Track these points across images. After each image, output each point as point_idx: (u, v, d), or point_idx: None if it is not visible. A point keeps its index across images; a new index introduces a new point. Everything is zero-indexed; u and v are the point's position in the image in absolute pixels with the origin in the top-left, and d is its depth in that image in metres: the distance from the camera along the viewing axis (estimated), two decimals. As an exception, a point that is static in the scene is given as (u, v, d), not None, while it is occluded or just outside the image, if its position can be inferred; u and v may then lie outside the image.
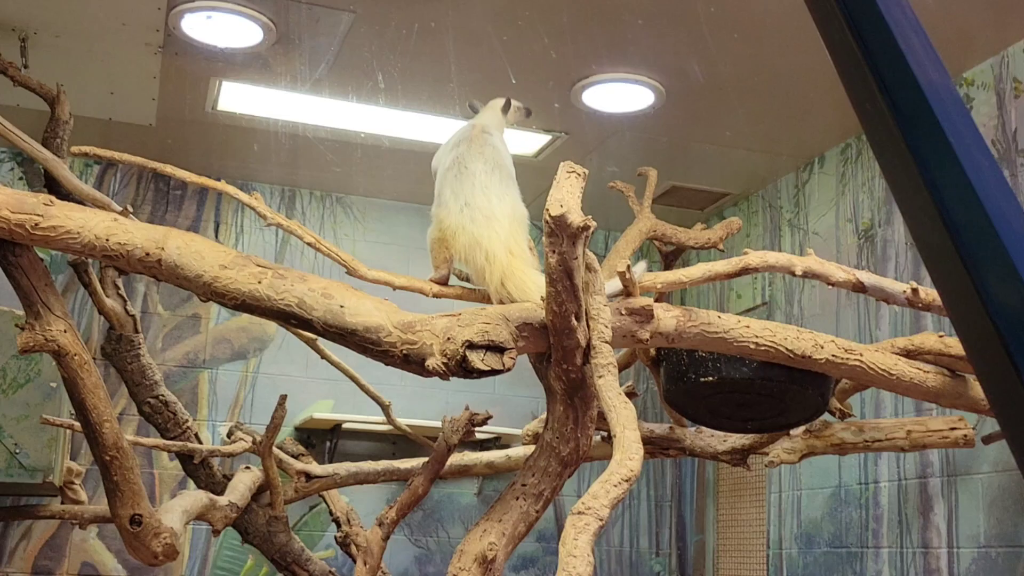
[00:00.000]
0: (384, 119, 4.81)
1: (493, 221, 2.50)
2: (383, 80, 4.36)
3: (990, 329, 0.80)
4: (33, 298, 2.24)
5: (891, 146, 0.92)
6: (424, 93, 4.47)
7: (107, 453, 2.37)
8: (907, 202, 0.91)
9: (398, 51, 4.10)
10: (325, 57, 4.17)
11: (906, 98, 0.91)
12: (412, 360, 2.11)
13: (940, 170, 0.87)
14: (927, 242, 0.87)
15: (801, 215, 5.06)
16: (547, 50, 4.06)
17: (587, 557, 1.69)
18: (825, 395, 2.71)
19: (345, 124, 4.87)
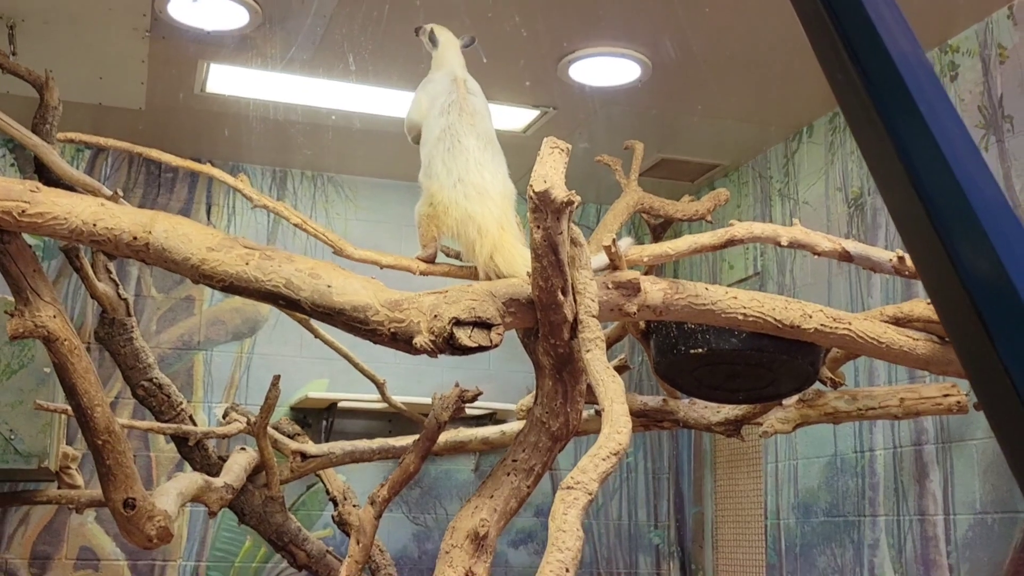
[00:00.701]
0: (373, 97, 4.80)
1: (486, 198, 2.50)
2: (370, 58, 4.34)
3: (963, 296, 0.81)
4: (22, 284, 2.24)
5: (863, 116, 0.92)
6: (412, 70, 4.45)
7: (99, 437, 2.39)
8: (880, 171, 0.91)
9: (384, 29, 4.09)
10: (312, 37, 4.15)
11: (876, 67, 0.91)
12: (400, 338, 2.12)
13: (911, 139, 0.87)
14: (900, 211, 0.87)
15: (791, 185, 5.06)
16: (533, 25, 4.05)
17: (576, 531, 1.70)
18: (815, 364, 2.73)
19: (334, 103, 4.86)
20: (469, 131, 2.64)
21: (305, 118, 4.98)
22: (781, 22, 3.93)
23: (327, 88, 4.70)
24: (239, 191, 2.40)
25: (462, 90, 2.69)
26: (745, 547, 5.34)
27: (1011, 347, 0.77)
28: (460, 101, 2.66)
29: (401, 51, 4.28)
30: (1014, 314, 0.77)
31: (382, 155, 5.39)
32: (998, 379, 0.77)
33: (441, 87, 2.73)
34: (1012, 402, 0.77)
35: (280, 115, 4.98)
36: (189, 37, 4.17)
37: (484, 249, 2.44)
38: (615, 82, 4.51)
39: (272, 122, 5.05)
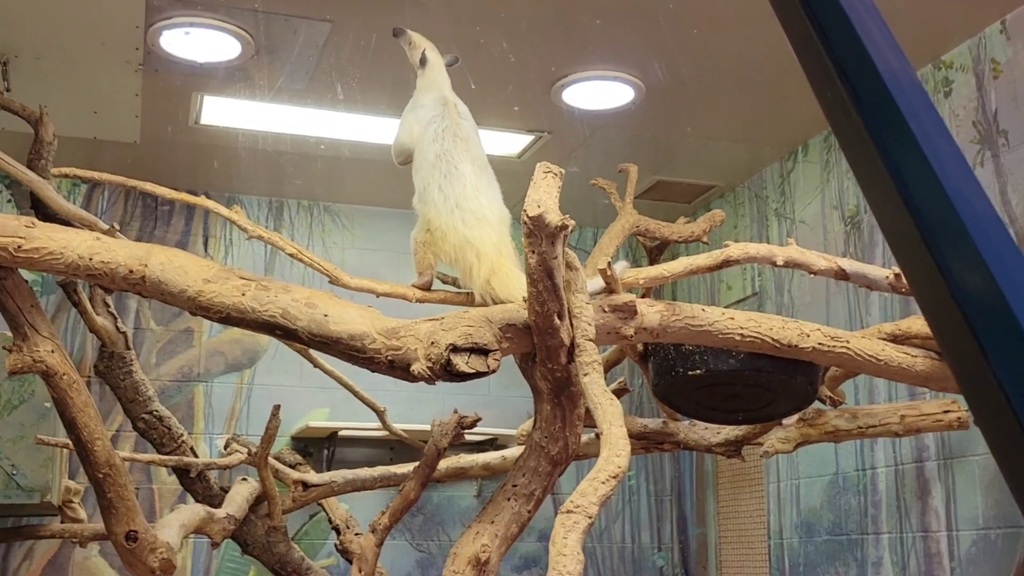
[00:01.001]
0: (366, 125, 4.81)
1: (484, 223, 2.50)
2: (363, 87, 4.36)
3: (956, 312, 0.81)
4: (19, 320, 2.24)
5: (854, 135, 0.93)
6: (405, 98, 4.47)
7: (100, 471, 2.38)
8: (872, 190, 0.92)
9: (377, 58, 4.11)
10: (305, 67, 4.17)
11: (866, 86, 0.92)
12: (397, 366, 2.12)
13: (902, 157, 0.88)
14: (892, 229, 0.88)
15: (787, 204, 5.08)
16: (525, 51, 4.07)
17: (577, 555, 1.70)
18: (814, 383, 2.72)
19: (328, 133, 4.88)
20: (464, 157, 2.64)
21: (299, 148, 5.00)
22: (773, 42, 3.95)
23: (321, 117, 4.72)
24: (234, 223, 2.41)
25: (454, 115, 2.69)
26: (749, 568, 5.32)
27: (1005, 363, 0.77)
28: (453, 127, 2.67)
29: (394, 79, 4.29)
30: (1008, 330, 0.77)
31: (377, 183, 5.41)
32: (993, 395, 0.77)
33: (432, 112, 2.73)
34: (1007, 418, 0.77)
35: (274, 145, 5.00)
36: (182, 70, 4.19)
37: (481, 274, 2.45)
38: (608, 105, 4.53)
39: (267, 152, 5.06)
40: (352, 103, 4.49)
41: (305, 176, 5.36)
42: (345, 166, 5.22)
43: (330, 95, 4.42)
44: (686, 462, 5.93)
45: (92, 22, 3.77)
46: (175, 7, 3.72)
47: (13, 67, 4.02)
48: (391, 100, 4.49)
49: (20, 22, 3.77)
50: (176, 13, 3.75)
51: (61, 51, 3.99)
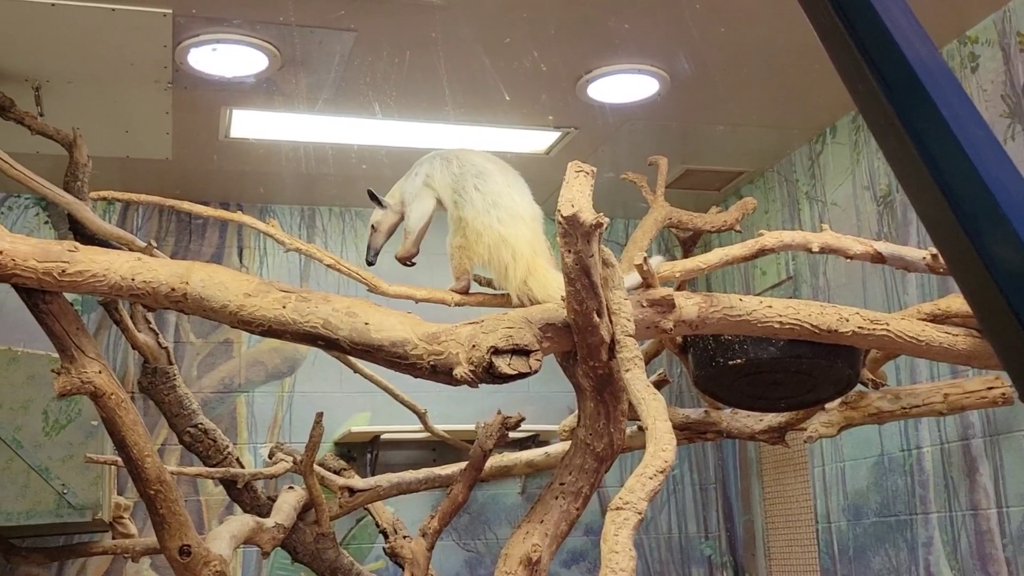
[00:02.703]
0: (394, 130, 4.84)
1: (519, 221, 2.51)
2: (390, 92, 4.39)
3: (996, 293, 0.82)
4: (66, 343, 2.28)
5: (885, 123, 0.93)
6: (432, 103, 4.50)
7: (151, 487, 2.42)
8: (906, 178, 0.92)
9: (402, 65, 4.13)
10: (331, 77, 4.20)
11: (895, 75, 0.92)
12: (439, 370, 2.13)
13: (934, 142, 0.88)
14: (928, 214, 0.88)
15: (818, 187, 5.05)
16: (549, 48, 4.08)
17: (629, 551, 1.71)
18: (855, 367, 2.72)
19: (357, 139, 4.91)
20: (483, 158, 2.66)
21: (328, 156, 5.04)
22: (796, 24, 3.93)
23: (348, 125, 4.76)
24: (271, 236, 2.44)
25: (446, 155, 2.71)
26: (797, 553, 5.30)
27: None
28: (456, 150, 2.69)
29: (419, 83, 4.32)
30: (1048, 308, 0.78)
31: (408, 186, 5.43)
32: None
33: (426, 166, 2.75)
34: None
35: (304, 155, 5.04)
36: (210, 86, 4.24)
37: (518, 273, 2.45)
38: (634, 98, 4.53)
39: (297, 162, 5.10)
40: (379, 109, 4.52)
41: (335, 183, 5.39)
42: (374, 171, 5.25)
43: (357, 102, 4.44)
44: (729, 450, 5.92)
45: (121, 44, 3.82)
46: (202, 24, 3.76)
47: (45, 92, 4.07)
48: (418, 104, 4.51)
49: (51, 48, 3.82)
50: (203, 30, 3.79)
51: (91, 74, 4.04)
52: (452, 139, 4.91)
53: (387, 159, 5.11)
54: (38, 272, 2.14)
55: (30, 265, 2.13)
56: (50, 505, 3.64)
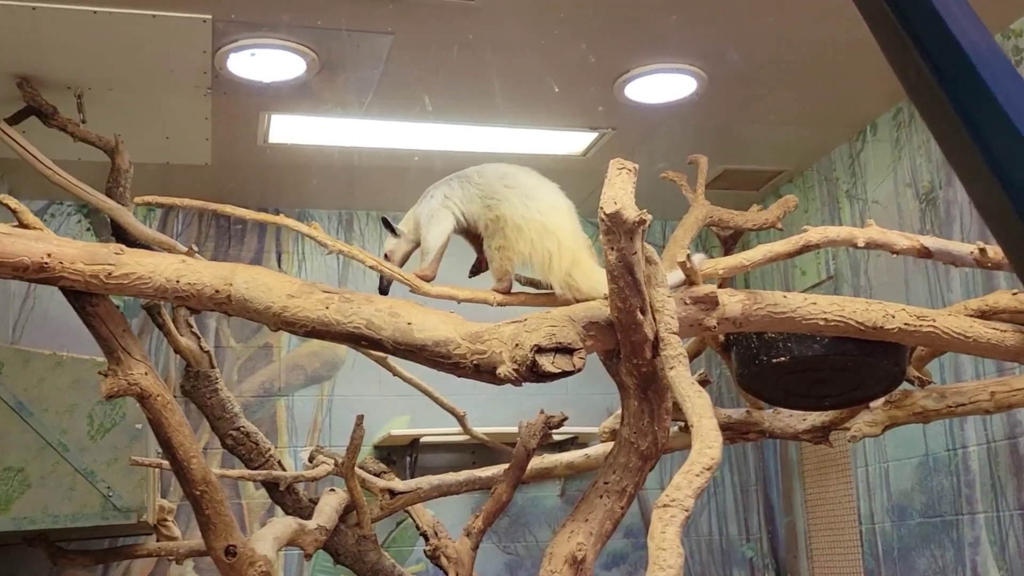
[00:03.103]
0: (432, 134, 4.85)
1: (559, 211, 2.51)
2: (428, 97, 4.40)
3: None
4: (112, 345, 2.30)
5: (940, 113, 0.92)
6: (469, 105, 4.51)
7: (197, 488, 2.43)
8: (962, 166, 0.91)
9: (440, 67, 4.14)
10: (369, 80, 4.22)
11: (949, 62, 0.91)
12: (483, 369, 2.13)
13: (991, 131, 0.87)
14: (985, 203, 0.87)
15: (858, 185, 5.01)
16: (585, 50, 4.07)
17: (676, 548, 1.70)
18: (901, 364, 2.69)
19: (394, 143, 4.92)
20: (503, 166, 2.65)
21: (366, 159, 5.06)
22: (835, 22, 3.90)
23: (386, 128, 4.77)
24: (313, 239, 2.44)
25: (461, 174, 2.70)
26: (840, 554, 5.26)
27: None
28: (469, 169, 2.69)
29: (457, 85, 4.33)
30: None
31: (445, 189, 5.44)
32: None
33: (442, 188, 2.74)
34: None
35: (342, 159, 5.06)
36: (249, 91, 4.26)
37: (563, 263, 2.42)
38: (672, 98, 4.51)
39: (335, 166, 5.13)
40: (417, 113, 4.53)
41: (373, 187, 5.41)
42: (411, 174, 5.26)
43: (395, 106, 4.46)
44: (770, 451, 5.88)
45: (161, 50, 3.86)
46: (241, 30, 3.78)
47: (87, 99, 4.12)
48: (456, 107, 4.52)
49: (92, 56, 3.86)
50: (242, 36, 3.82)
51: (132, 81, 4.07)
52: (489, 141, 4.92)
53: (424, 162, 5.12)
54: (85, 275, 2.16)
55: (77, 268, 2.15)
56: (96, 508, 3.68)
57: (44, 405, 3.67)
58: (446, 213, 2.67)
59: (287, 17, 3.74)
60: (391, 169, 5.16)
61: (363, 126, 4.72)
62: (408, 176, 5.28)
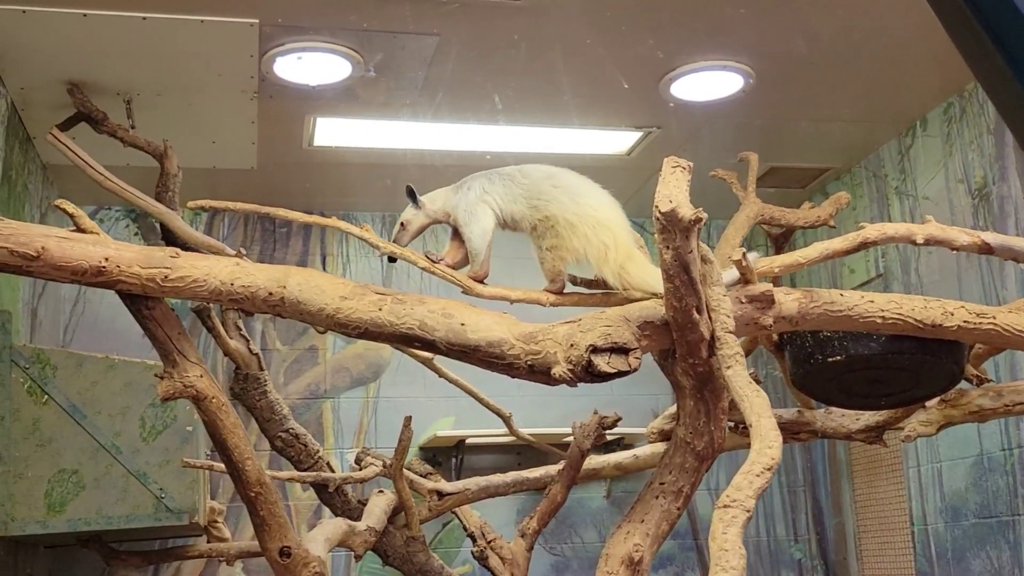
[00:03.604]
0: (476, 135, 4.85)
1: (609, 207, 2.50)
2: (472, 97, 4.40)
3: None
4: (168, 347, 2.31)
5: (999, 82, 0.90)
6: (513, 106, 4.50)
7: (251, 489, 2.44)
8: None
9: (484, 68, 4.14)
10: (414, 82, 4.22)
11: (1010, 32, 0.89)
12: (537, 370, 2.12)
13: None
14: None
15: (908, 181, 4.95)
16: (630, 49, 4.05)
17: (739, 549, 1.68)
18: (960, 363, 2.65)
19: (439, 144, 4.92)
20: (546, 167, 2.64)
21: (410, 161, 5.06)
22: (883, 17, 3.86)
23: (430, 130, 4.77)
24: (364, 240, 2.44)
25: (503, 171, 2.70)
26: (891, 556, 5.19)
27: None
28: (511, 168, 2.68)
29: (502, 86, 4.32)
30: None
31: (489, 191, 5.43)
32: None
33: (481, 180, 2.73)
34: None
35: (386, 160, 5.07)
36: (295, 94, 4.28)
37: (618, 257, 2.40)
38: (718, 95, 4.48)
39: (379, 168, 5.14)
40: (462, 114, 4.53)
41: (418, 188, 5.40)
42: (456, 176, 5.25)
43: (439, 107, 4.46)
44: (818, 451, 5.82)
45: (209, 55, 3.88)
46: (287, 34, 3.80)
47: (136, 104, 4.16)
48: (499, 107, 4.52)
49: (141, 61, 3.90)
50: (288, 39, 3.83)
51: (180, 85, 4.11)
52: (533, 141, 4.91)
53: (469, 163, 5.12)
54: (142, 278, 2.18)
55: (134, 271, 2.17)
56: (149, 509, 3.70)
57: (97, 408, 3.71)
58: (485, 209, 2.67)
59: (333, 20, 3.75)
60: (436, 171, 5.16)
61: (408, 128, 4.73)
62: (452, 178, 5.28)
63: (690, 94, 4.45)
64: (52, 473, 3.60)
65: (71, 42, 3.71)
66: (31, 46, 3.72)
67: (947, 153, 4.67)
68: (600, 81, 4.33)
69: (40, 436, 3.60)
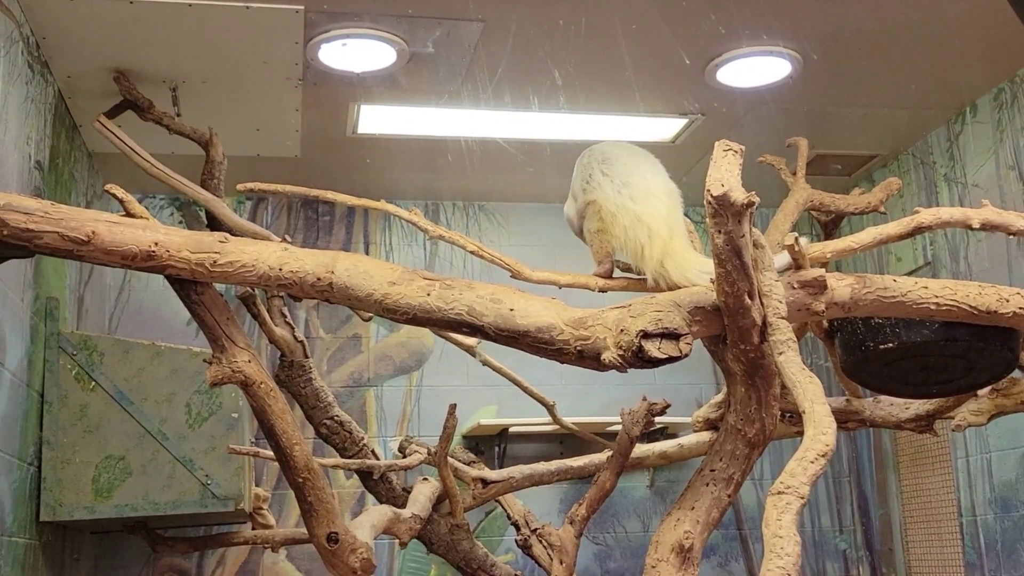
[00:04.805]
0: (519, 122, 4.83)
1: (652, 197, 2.49)
2: (516, 84, 4.37)
3: None
4: (217, 332, 2.32)
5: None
6: (559, 92, 4.48)
7: (299, 475, 2.45)
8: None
9: (529, 54, 4.12)
10: (458, 69, 4.21)
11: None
12: (587, 356, 2.11)
13: None
14: None
15: (957, 168, 4.87)
16: (676, 35, 4.01)
17: (793, 536, 1.66)
18: (1015, 350, 2.60)
19: (482, 132, 4.91)
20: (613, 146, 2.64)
21: (454, 149, 5.05)
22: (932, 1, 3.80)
23: (474, 117, 4.76)
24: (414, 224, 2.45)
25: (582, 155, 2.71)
26: (939, 547, 5.13)
27: None
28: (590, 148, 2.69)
29: (547, 72, 4.30)
30: None
31: (532, 179, 5.42)
32: None
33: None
34: None
35: (429, 148, 5.06)
36: (339, 81, 4.28)
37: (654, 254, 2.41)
38: (764, 81, 4.43)
39: (422, 155, 5.13)
40: (505, 101, 4.51)
41: (460, 176, 5.41)
42: (499, 163, 5.25)
43: (483, 94, 4.44)
44: (863, 441, 5.76)
45: (254, 42, 3.89)
46: (332, 20, 3.80)
47: (182, 92, 4.17)
48: (545, 94, 4.49)
49: (187, 48, 3.91)
50: (333, 26, 3.83)
51: (226, 73, 4.12)
52: (578, 128, 4.88)
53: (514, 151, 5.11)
54: (191, 263, 2.19)
55: (183, 256, 2.18)
56: (195, 495, 3.73)
57: (144, 394, 3.74)
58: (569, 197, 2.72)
59: (378, 6, 3.74)
60: (479, 157, 5.15)
61: (452, 115, 4.71)
62: (496, 165, 5.27)
63: (736, 80, 4.40)
64: (99, 459, 3.64)
65: (117, 29, 3.73)
66: (78, 33, 3.74)
67: (997, 140, 4.60)
68: (645, 67, 4.29)
69: (87, 422, 3.64)
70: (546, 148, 5.03)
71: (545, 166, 5.19)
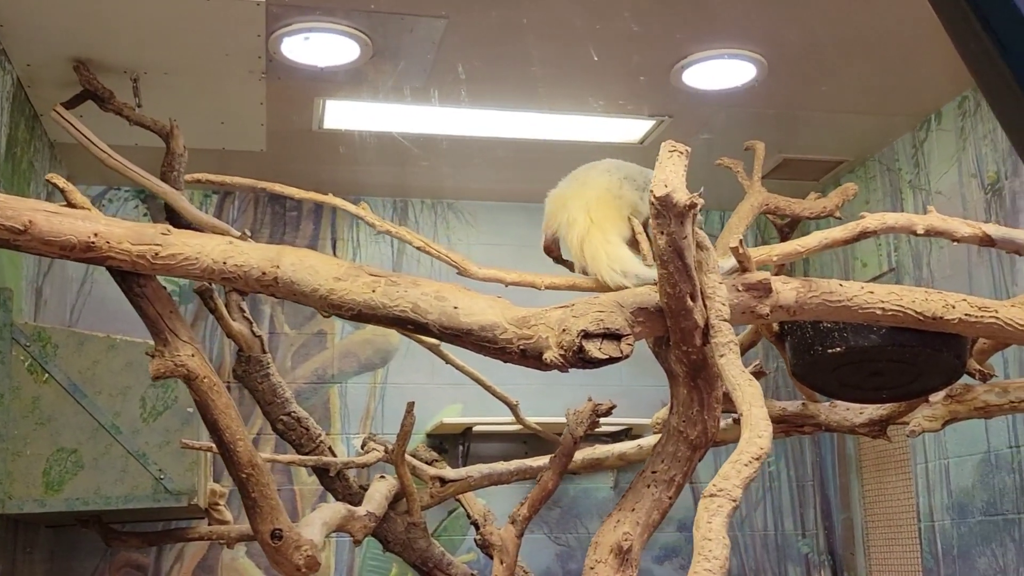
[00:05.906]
0: (486, 120, 4.82)
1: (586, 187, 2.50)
2: (482, 81, 4.36)
3: None
4: (160, 325, 2.30)
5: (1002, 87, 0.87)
6: (524, 91, 4.47)
7: (243, 471, 2.42)
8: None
9: (494, 53, 4.11)
10: (422, 64, 4.19)
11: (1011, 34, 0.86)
12: (529, 355, 2.10)
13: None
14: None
15: (922, 175, 4.89)
16: (642, 36, 4.01)
17: (722, 539, 1.65)
18: (962, 356, 2.61)
19: (448, 129, 4.90)
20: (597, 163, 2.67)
21: (420, 146, 5.04)
22: (899, 8, 3.81)
23: (440, 114, 4.74)
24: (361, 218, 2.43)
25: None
26: (898, 552, 5.15)
27: None
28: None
29: (511, 71, 4.29)
30: None
31: (499, 177, 5.41)
32: None
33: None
34: None
35: (396, 145, 5.04)
36: (303, 76, 4.26)
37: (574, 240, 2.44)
38: (730, 84, 4.43)
39: (389, 152, 5.11)
40: (471, 98, 4.50)
41: (428, 173, 5.39)
42: (466, 162, 5.24)
43: (448, 91, 4.43)
44: (827, 446, 5.78)
45: (215, 34, 3.86)
46: (294, 13, 3.78)
47: (143, 83, 4.14)
48: (510, 93, 4.48)
49: (148, 40, 3.88)
50: (295, 19, 3.81)
51: (188, 65, 4.09)
52: (545, 128, 4.87)
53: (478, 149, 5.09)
54: (132, 255, 2.16)
55: (124, 248, 2.15)
56: (147, 490, 3.70)
57: (98, 387, 3.70)
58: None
59: (340, 1, 3.72)
60: (446, 155, 5.14)
61: (417, 112, 4.70)
62: (463, 163, 5.26)
63: (702, 83, 4.41)
64: (51, 452, 3.60)
65: (78, 18, 3.70)
66: (37, 22, 3.71)
67: (960, 148, 4.62)
68: (611, 68, 4.29)
69: (40, 414, 3.60)
70: (513, 147, 5.03)
71: (512, 165, 5.18)
